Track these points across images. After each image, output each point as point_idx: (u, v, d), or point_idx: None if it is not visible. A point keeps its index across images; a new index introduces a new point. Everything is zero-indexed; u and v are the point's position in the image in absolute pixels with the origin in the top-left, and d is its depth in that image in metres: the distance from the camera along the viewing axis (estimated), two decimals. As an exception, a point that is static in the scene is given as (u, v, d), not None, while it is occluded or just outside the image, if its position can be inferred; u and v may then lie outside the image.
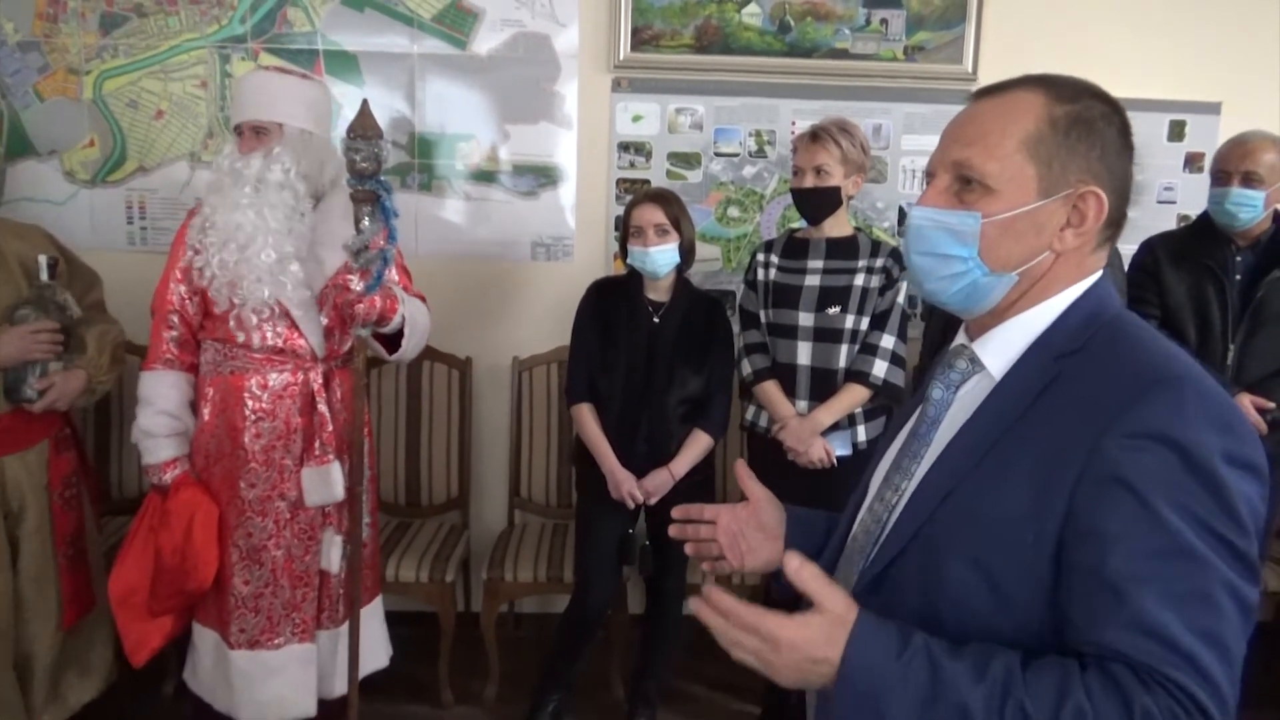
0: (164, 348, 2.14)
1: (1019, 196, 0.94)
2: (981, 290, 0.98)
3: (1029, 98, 0.96)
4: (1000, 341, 0.99)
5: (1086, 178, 0.94)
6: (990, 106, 0.98)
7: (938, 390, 1.04)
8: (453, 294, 3.00)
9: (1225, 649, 0.81)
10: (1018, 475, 0.89)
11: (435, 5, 2.89)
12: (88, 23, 2.83)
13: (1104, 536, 0.83)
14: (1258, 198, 2.41)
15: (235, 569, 2.14)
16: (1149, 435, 0.83)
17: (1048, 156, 0.94)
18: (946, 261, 0.98)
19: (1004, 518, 0.89)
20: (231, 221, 2.02)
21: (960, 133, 0.98)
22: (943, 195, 0.98)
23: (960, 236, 0.96)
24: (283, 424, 2.13)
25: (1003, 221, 0.95)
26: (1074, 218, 0.95)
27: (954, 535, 0.92)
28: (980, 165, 0.95)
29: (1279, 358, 2.46)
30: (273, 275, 2.03)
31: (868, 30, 2.96)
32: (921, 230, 0.99)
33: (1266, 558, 2.72)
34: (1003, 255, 0.96)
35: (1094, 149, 0.94)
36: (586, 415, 2.48)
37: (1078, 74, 1.00)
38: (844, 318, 2.37)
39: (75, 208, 2.92)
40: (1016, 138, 0.94)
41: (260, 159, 2.05)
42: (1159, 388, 0.85)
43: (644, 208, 2.39)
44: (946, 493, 0.94)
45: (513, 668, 2.84)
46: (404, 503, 3.00)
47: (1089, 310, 0.96)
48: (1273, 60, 3.03)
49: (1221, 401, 0.86)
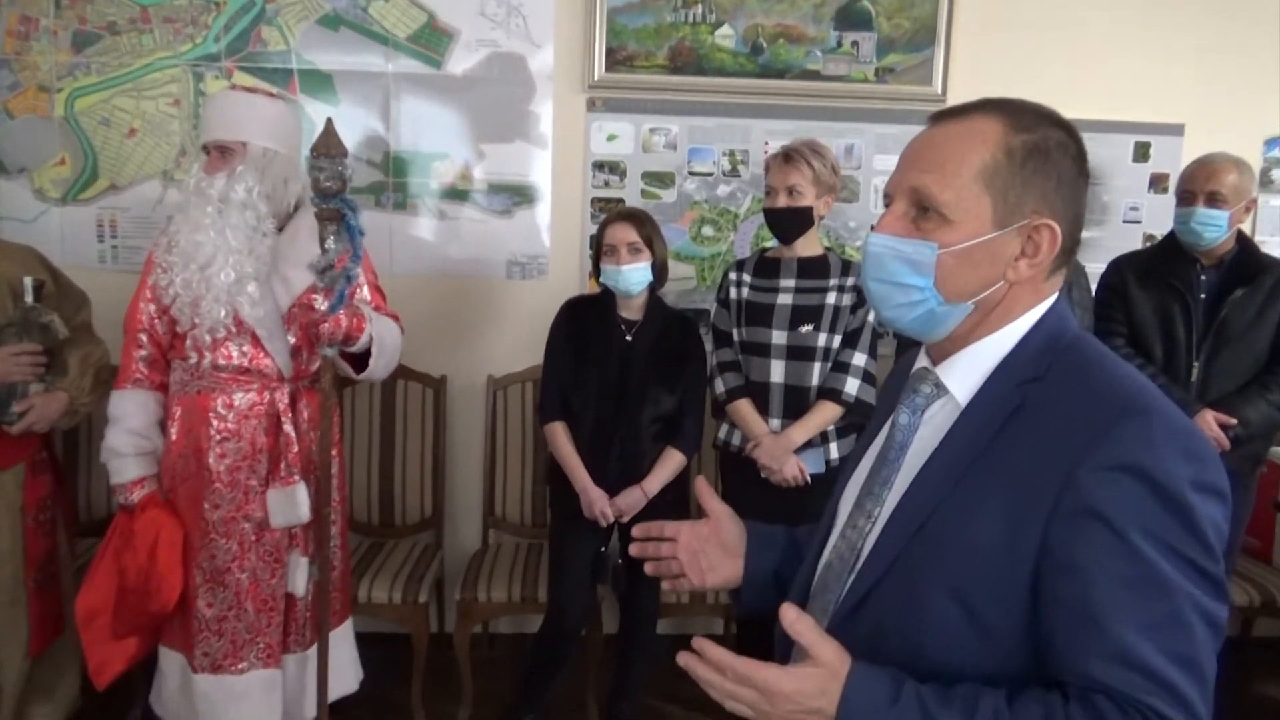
0: (134, 367, 2.13)
1: (975, 227, 0.94)
2: (938, 318, 0.98)
3: (987, 125, 0.95)
4: (964, 366, 0.99)
5: (1041, 209, 0.94)
6: (949, 133, 0.97)
7: (904, 415, 1.04)
8: (427, 312, 3.00)
9: (1199, 671, 0.84)
10: (990, 504, 0.90)
11: (410, 25, 2.90)
12: (60, 40, 2.83)
13: (1080, 569, 0.85)
14: (1222, 217, 2.45)
15: (199, 591, 2.12)
16: (1120, 467, 0.85)
17: (1003, 188, 0.94)
18: (903, 290, 0.98)
19: (979, 547, 0.90)
20: (193, 241, 2.02)
21: (918, 158, 0.98)
22: (900, 222, 0.98)
23: (917, 266, 0.96)
24: (248, 444, 2.11)
25: (959, 252, 0.95)
26: (1028, 248, 0.95)
27: (930, 565, 0.93)
28: (937, 195, 0.94)
29: (1242, 375, 2.50)
30: (230, 295, 2.02)
31: (839, 52, 3.00)
32: (879, 258, 0.99)
33: (1233, 572, 2.76)
34: (958, 285, 0.96)
35: (1049, 180, 0.94)
36: (559, 433, 2.48)
37: (1045, 96, 1.00)
38: (817, 336, 2.39)
39: (45, 226, 2.89)
40: (973, 168, 0.94)
41: (224, 179, 2.04)
42: (1128, 419, 0.86)
43: (616, 226, 2.40)
44: (921, 522, 0.95)
45: (487, 689, 2.81)
46: (378, 522, 2.98)
47: (1047, 334, 0.97)
48: (1233, 83, 3.10)
49: (1187, 430, 0.88)
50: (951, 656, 0.91)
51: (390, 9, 2.89)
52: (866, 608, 0.98)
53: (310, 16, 2.87)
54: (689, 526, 1.23)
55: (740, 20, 2.96)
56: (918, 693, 0.87)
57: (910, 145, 1.01)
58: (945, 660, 0.91)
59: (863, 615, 0.98)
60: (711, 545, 1.21)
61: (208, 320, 2.02)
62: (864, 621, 0.98)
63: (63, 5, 2.81)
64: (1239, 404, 2.45)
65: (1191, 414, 2.42)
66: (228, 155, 2.06)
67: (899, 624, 0.94)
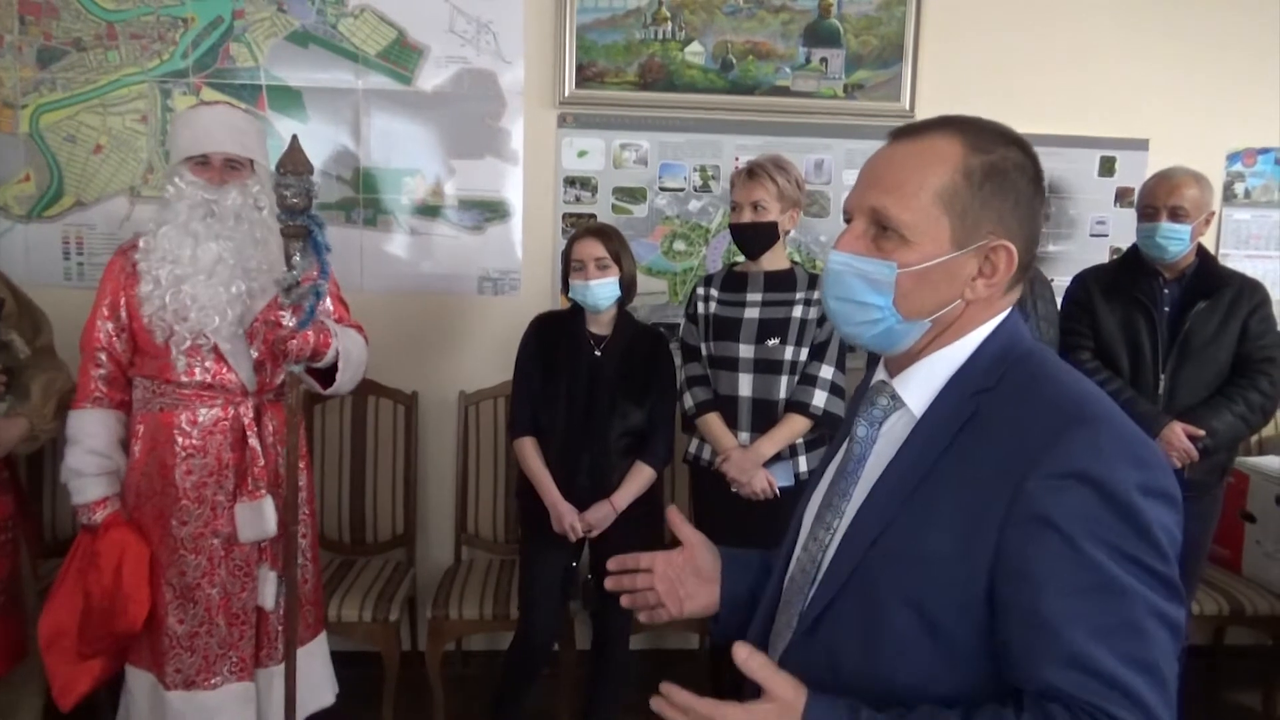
0: (92, 386, 2.10)
1: (933, 248, 0.95)
2: (896, 335, 0.99)
3: (946, 146, 0.96)
4: (920, 379, 1.00)
5: (999, 230, 0.95)
6: (908, 152, 0.98)
7: (862, 427, 1.05)
8: (398, 328, 2.99)
9: (1157, 674, 0.84)
10: (944, 514, 0.91)
11: (380, 42, 2.90)
12: (24, 56, 2.80)
13: (1033, 576, 0.85)
14: (1184, 231, 2.48)
15: (169, 608, 2.09)
16: (1069, 475, 0.85)
17: (961, 209, 0.94)
18: (863, 308, 0.99)
19: (934, 557, 0.90)
20: (209, 253, 2.01)
21: (878, 178, 0.98)
22: (860, 240, 0.98)
23: (876, 285, 0.97)
24: (214, 460, 2.10)
25: (917, 272, 0.95)
26: (985, 268, 0.96)
27: (887, 577, 0.93)
28: (896, 215, 0.95)
29: (1208, 386, 2.53)
30: (224, 306, 2.02)
31: (808, 69, 3.03)
32: (839, 276, 1.00)
33: (1199, 580, 2.78)
34: (916, 304, 0.97)
35: (1007, 200, 0.95)
36: (529, 449, 2.48)
37: (1011, 111, 1.02)
38: (783, 349, 2.39)
39: (9, 243, 2.87)
40: (932, 189, 0.94)
41: (238, 193, 2.05)
42: (1076, 428, 0.87)
43: (585, 242, 2.41)
44: (877, 533, 0.95)
45: (460, 707, 2.80)
46: (349, 540, 2.96)
47: (1000, 345, 0.98)
48: (1197, 99, 3.15)
49: (1134, 437, 0.89)
50: (911, 670, 0.92)
51: (360, 25, 2.89)
52: (825, 623, 0.98)
53: (279, 33, 2.87)
54: (664, 556, 1.23)
55: (710, 37, 2.98)
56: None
57: (869, 163, 1.01)
58: (905, 674, 0.92)
59: (821, 631, 0.99)
60: (687, 573, 1.21)
61: (194, 326, 2.01)
62: (823, 637, 0.98)
63: (28, 21, 2.79)
64: (1205, 415, 2.47)
65: (1161, 426, 2.45)
66: (236, 170, 2.07)
67: (858, 638, 0.95)
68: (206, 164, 2.06)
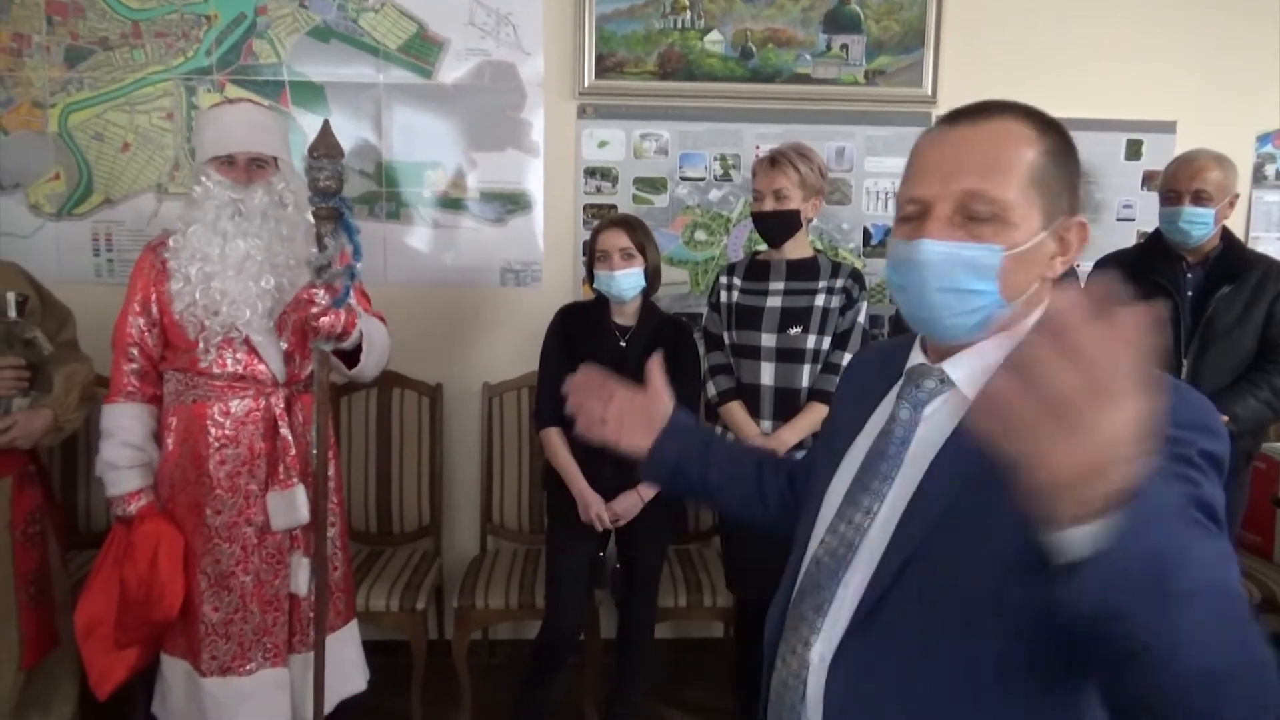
0: (124, 380, 2.14)
1: (1031, 228, 0.95)
2: (992, 321, 0.97)
3: (1018, 127, 0.96)
4: (974, 362, 0.99)
5: (1073, 206, 0.97)
6: (982, 135, 0.96)
7: (904, 410, 1.03)
8: (422, 321, 3.01)
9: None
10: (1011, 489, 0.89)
11: (401, 36, 2.92)
12: (53, 56, 2.84)
13: None
14: (1208, 215, 2.46)
15: (204, 596, 2.13)
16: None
17: (1049, 188, 0.95)
18: (967, 297, 0.96)
19: (1003, 532, 0.86)
20: (238, 250, 2.05)
21: (960, 163, 0.96)
22: (948, 227, 0.96)
23: (980, 271, 0.95)
24: (246, 450, 2.13)
25: (1019, 254, 0.94)
26: (1060, 246, 0.97)
27: (956, 553, 0.91)
28: (999, 195, 0.93)
29: (1232, 371, 2.50)
30: (254, 300, 2.06)
31: (828, 56, 3.01)
32: (938, 265, 0.96)
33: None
34: (1017, 286, 0.96)
35: (1075, 176, 0.98)
36: (555, 439, 2.49)
37: (1036, 95, 1.02)
38: (806, 338, 2.39)
39: (41, 241, 2.91)
40: (1025, 168, 0.94)
41: (263, 191, 2.08)
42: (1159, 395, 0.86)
43: (609, 233, 2.41)
44: (939, 516, 0.93)
45: (486, 696, 2.82)
46: (375, 531, 2.99)
47: None
48: (1225, 79, 3.11)
49: (1204, 404, 0.89)
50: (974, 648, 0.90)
51: (380, 20, 2.90)
52: (884, 610, 0.95)
53: (301, 29, 2.89)
54: (626, 391, 1.33)
55: (729, 25, 2.98)
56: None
57: (937, 150, 0.99)
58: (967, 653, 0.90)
59: (881, 617, 0.95)
60: (639, 413, 1.31)
61: (226, 319, 2.05)
62: (881, 625, 0.95)
63: (55, 21, 2.83)
64: (1228, 401, 2.45)
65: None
66: (261, 168, 2.10)
67: (922, 624, 0.92)
68: (232, 163, 2.09)
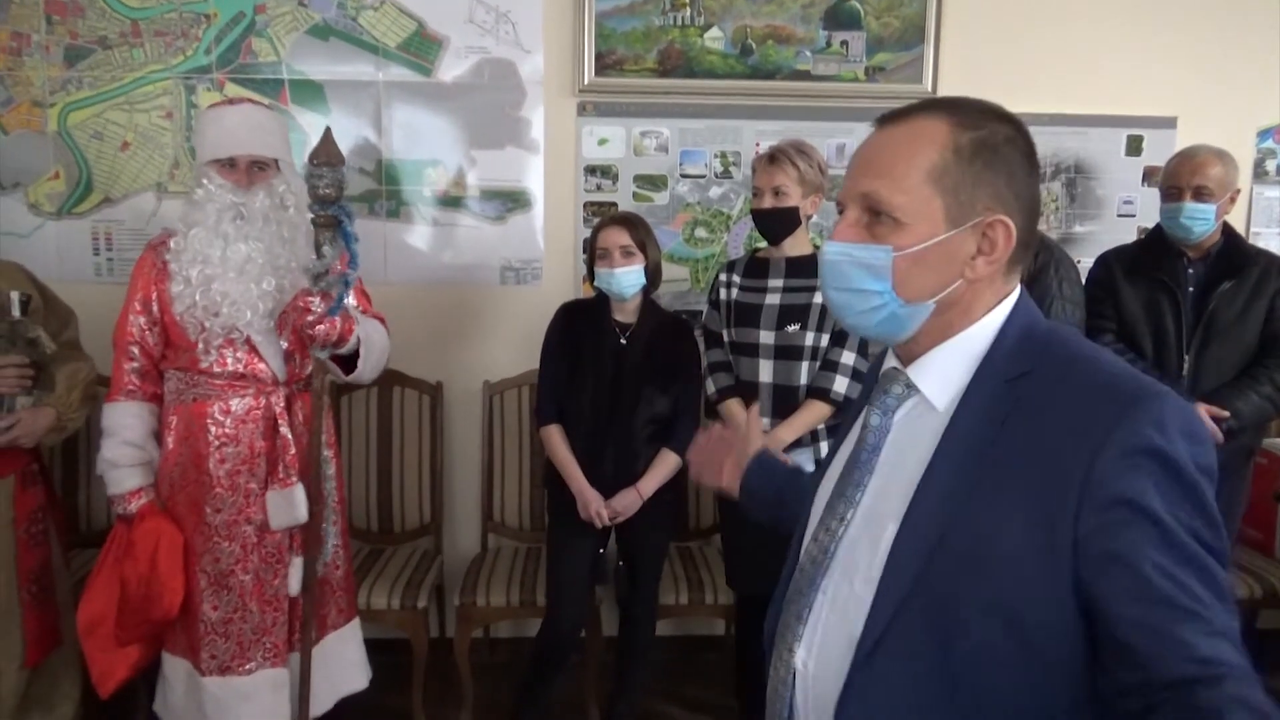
0: (125, 379, 2.15)
1: (928, 229, 0.94)
2: (900, 320, 0.98)
3: (933, 125, 0.95)
4: (937, 368, 0.99)
5: (994, 205, 0.94)
6: (895, 135, 0.97)
7: (875, 416, 1.03)
8: (422, 319, 3.01)
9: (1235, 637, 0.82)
10: (1011, 510, 0.88)
11: (400, 34, 2.91)
12: (52, 56, 2.84)
13: (1123, 558, 0.83)
14: (1210, 211, 2.45)
15: (204, 595, 2.13)
16: (1139, 451, 0.84)
17: (954, 186, 0.93)
18: (863, 296, 0.97)
19: (1012, 556, 0.87)
20: (239, 253, 2.05)
21: (867, 165, 0.97)
22: (854, 229, 0.98)
23: (874, 270, 0.96)
24: (246, 448, 2.13)
25: (914, 254, 0.94)
26: (984, 245, 0.95)
27: (963, 585, 0.89)
28: (888, 198, 0.94)
29: (1234, 367, 2.49)
30: (255, 301, 2.06)
31: (828, 52, 3.01)
32: (836, 265, 0.98)
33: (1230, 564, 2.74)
34: (916, 286, 0.96)
35: (1000, 175, 0.94)
36: (555, 437, 2.49)
37: (1036, 91, 1.03)
38: (804, 335, 2.39)
39: (41, 240, 2.91)
40: (922, 169, 0.93)
41: (264, 194, 2.08)
42: (1138, 405, 0.85)
43: (610, 230, 2.41)
44: (939, 536, 0.91)
45: (487, 694, 2.82)
46: (376, 529, 2.99)
47: (1021, 328, 0.97)
48: (1225, 74, 3.10)
49: (1188, 412, 0.88)
50: (994, 677, 0.88)
51: (380, 18, 2.90)
52: (890, 640, 0.93)
53: (300, 27, 2.89)
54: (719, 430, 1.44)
55: (729, 22, 2.97)
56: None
57: (858, 151, 1.01)
58: (986, 683, 0.88)
59: (887, 648, 0.93)
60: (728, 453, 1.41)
61: (227, 321, 2.05)
62: (890, 655, 0.93)
63: (54, 21, 2.83)
64: (1230, 397, 2.44)
65: (1184, 408, 2.42)
66: (262, 170, 2.11)
67: (934, 652, 0.91)
68: (233, 166, 2.09)
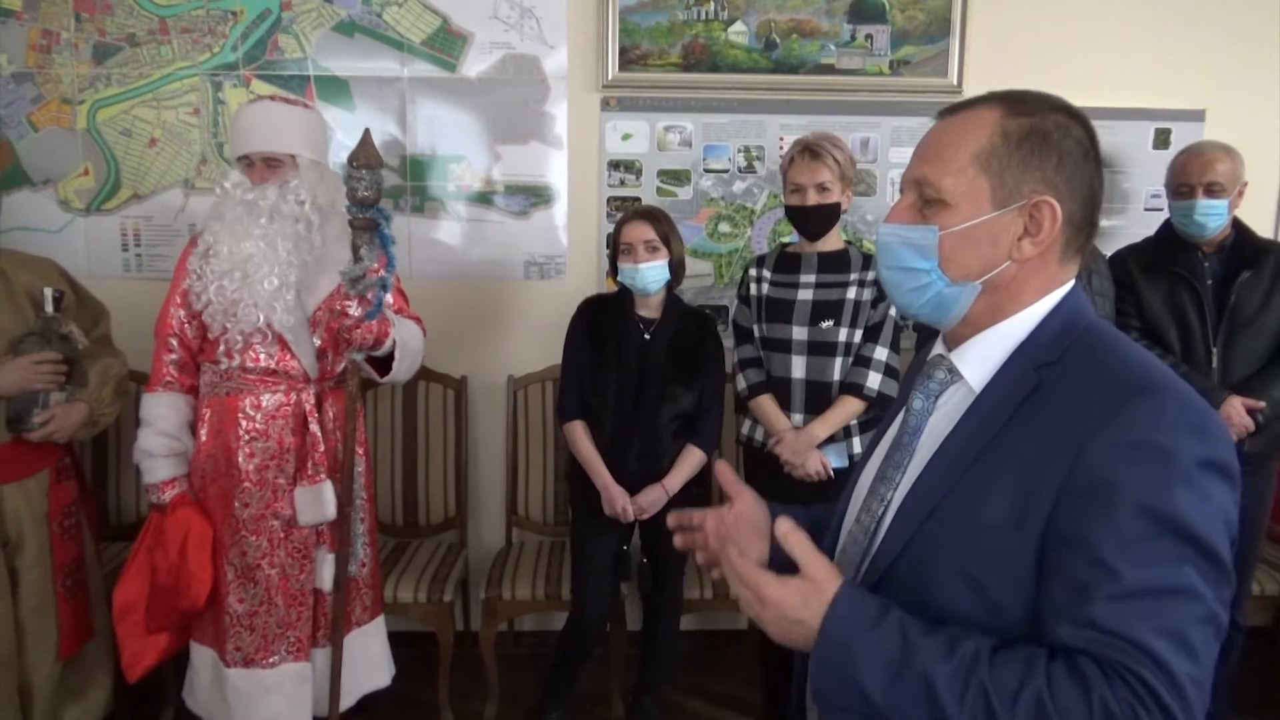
0: (164, 370, 2.18)
1: (972, 209, 0.98)
2: (947, 301, 1.01)
3: (986, 114, 0.99)
4: (978, 352, 1.01)
5: (1041, 188, 0.96)
6: (951, 124, 1.02)
7: (918, 400, 1.06)
8: (447, 314, 3.02)
9: (1191, 648, 0.83)
10: (1001, 485, 0.91)
11: (425, 30, 2.92)
12: (81, 53, 2.86)
13: (1083, 541, 0.85)
14: (1222, 206, 2.46)
15: (231, 587, 2.16)
16: (1132, 444, 0.85)
17: (999, 169, 0.97)
18: (912, 274, 1.02)
19: (989, 526, 0.91)
20: (241, 251, 2.06)
21: (923, 151, 1.03)
22: (907, 211, 1.03)
23: (921, 250, 1.00)
24: (276, 444, 2.15)
25: (959, 233, 0.98)
26: (1031, 227, 0.97)
27: (942, 548, 0.94)
28: (936, 181, 0.99)
29: (1259, 357, 2.49)
30: (269, 301, 2.07)
31: (853, 46, 2.99)
32: (888, 246, 1.04)
33: (1257, 558, 2.73)
34: (962, 266, 0.99)
35: (1049, 160, 0.96)
36: (579, 432, 2.50)
37: (1062, 84, 1.03)
38: (837, 331, 2.38)
39: (70, 236, 2.94)
40: (969, 152, 0.98)
41: (275, 191, 2.09)
42: (1138, 397, 0.87)
43: (634, 225, 2.41)
44: (932, 506, 0.96)
45: (513, 687, 2.84)
46: (401, 523, 3.00)
47: (1064, 320, 0.98)
48: (1255, 67, 3.07)
49: (1199, 407, 0.88)
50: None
51: (404, 14, 2.91)
52: (880, 593, 0.98)
53: (325, 24, 2.90)
54: (714, 514, 1.23)
55: (753, 16, 2.96)
56: (901, 620, 0.90)
57: (920, 140, 1.06)
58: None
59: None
60: (741, 527, 1.20)
61: (244, 324, 2.07)
62: None
63: (83, 18, 2.85)
64: (1261, 386, 2.44)
65: (1219, 400, 2.41)
66: (275, 167, 2.11)
67: (911, 608, 0.94)
68: (251, 164, 2.11)
